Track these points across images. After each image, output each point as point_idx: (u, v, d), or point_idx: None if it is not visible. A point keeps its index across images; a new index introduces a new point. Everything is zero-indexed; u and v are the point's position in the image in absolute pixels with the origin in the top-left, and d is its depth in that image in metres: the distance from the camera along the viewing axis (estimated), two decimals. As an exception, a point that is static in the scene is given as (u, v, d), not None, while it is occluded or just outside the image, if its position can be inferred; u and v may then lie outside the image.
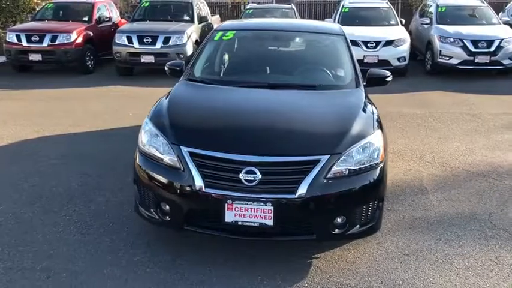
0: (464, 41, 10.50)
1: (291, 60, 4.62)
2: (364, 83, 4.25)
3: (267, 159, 3.10)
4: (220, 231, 3.20)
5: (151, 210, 3.40)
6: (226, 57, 4.69)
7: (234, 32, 4.77)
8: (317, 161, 3.10)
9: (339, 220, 3.18)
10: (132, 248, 3.57)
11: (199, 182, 3.10)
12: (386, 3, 12.47)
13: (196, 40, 11.16)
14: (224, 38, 4.69)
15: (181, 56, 10.52)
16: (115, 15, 13.31)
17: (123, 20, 13.42)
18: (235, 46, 4.79)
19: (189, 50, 10.65)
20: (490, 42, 10.38)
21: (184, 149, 3.21)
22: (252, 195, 3.05)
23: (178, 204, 3.22)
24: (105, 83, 10.40)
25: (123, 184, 4.74)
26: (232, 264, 3.36)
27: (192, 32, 11.01)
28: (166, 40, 10.55)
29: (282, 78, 4.27)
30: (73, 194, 4.51)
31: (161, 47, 10.52)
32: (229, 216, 3.08)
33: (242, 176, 3.06)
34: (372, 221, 3.30)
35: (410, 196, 4.59)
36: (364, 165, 3.22)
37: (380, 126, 3.56)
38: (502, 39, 10.41)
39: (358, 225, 3.25)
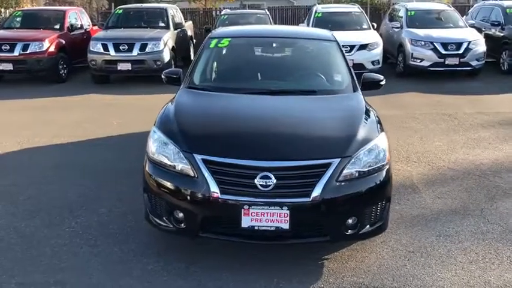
0: (435, 44, 10.87)
1: (289, 66, 4.71)
2: (360, 87, 4.38)
3: (281, 164, 3.18)
4: (237, 236, 3.25)
5: (164, 218, 3.41)
6: (224, 64, 4.75)
7: (229, 39, 4.83)
8: (329, 165, 3.20)
9: (350, 221, 3.28)
10: (144, 257, 3.57)
11: (215, 189, 3.14)
12: (358, 8, 12.78)
13: (173, 47, 11.13)
14: (220, 45, 4.74)
15: (159, 62, 10.51)
16: (87, 23, 13.12)
17: (95, 28, 13.23)
18: (233, 53, 4.85)
19: (166, 56, 10.63)
20: (458, 45, 10.79)
21: (198, 157, 3.25)
22: (268, 200, 3.12)
23: (193, 211, 3.26)
24: (81, 91, 10.26)
25: (122, 194, 4.72)
26: (247, 268, 3.41)
27: (169, 38, 10.99)
28: (143, 47, 10.48)
29: (282, 84, 4.36)
30: (73, 206, 4.46)
31: (138, 54, 10.44)
32: (246, 222, 3.14)
33: (257, 181, 3.12)
34: (380, 221, 3.43)
35: (404, 195, 4.76)
36: (372, 167, 3.34)
37: (382, 129, 3.70)
38: (470, 42, 10.84)
39: (368, 225, 3.36)
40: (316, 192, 3.12)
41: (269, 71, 4.56)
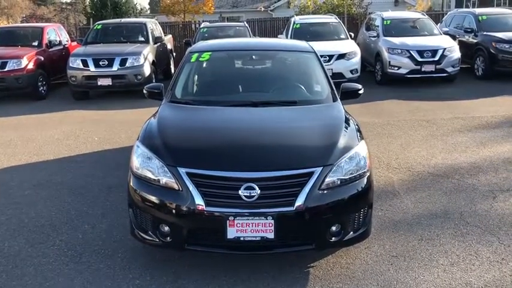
0: (411, 52, 11.11)
1: (269, 78, 4.78)
2: (339, 97, 4.48)
3: (264, 175, 3.22)
4: (223, 248, 3.29)
5: (149, 232, 3.43)
6: (206, 78, 4.80)
7: (210, 53, 4.89)
8: (311, 173, 3.26)
9: (334, 228, 3.34)
10: (130, 272, 3.57)
11: (199, 202, 3.17)
12: (335, 18, 12.99)
13: (153, 61, 11.15)
14: (201, 59, 4.80)
15: (139, 77, 10.51)
16: (65, 39, 13.07)
17: (73, 44, 13.19)
18: (214, 67, 4.91)
19: (147, 70, 10.64)
20: (434, 52, 11.05)
21: (182, 170, 3.28)
22: (253, 211, 3.16)
23: (178, 224, 3.28)
24: (61, 108, 10.19)
25: (105, 210, 4.71)
26: (234, 279, 3.44)
27: (149, 52, 11.01)
28: (123, 62, 10.48)
29: (263, 96, 4.43)
30: (56, 224, 4.43)
31: (118, 69, 10.43)
32: (231, 233, 3.17)
33: (242, 192, 3.17)
34: (363, 227, 3.49)
35: (386, 201, 4.85)
36: (353, 175, 3.41)
37: (362, 137, 3.78)
38: (445, 49, 11.10)
39: (351, 232, 3.43)
40: (300, 201, 3.18)
41: (250, 83, 4.64)
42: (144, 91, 4.64)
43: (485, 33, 11.90)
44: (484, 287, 3.30)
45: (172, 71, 13.80)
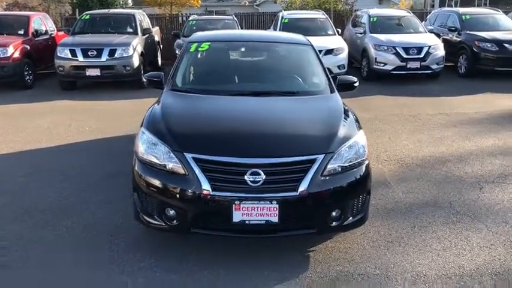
0: (397, 48, 11.32)
1: (269, 69, 4.88)
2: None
3: (270, 161, 3.33)
4: (229, 231, 3.39)
5: (155, 216, 3.51)
6: (206, 67, 4.88)
7: (209, 43, 4.97)
8: (314, 160, 3.38)
9: (334, 213, 3.47)
10: (135, 255, 3.64)
11: (206, 186, 3.27)
12: (323, 14, 13.14)
13: (142, 52, 11.13)
14: (200, 49, 4.87)
15: (128, 68, 10.49)
16: (51, 28, 12.92)
17: (59, 33, 13.05)
18: (213, 57, 4.99)
19: (136, 62, 10.62)
20: (419, 49, 11.28)
21: (189, 155, 3.36)
22: (258, 195, 3.27)
23: (185, 208, 3.37)
24: (48, 97, 10.11)
25: (105, 196, 4.76)
26: (237, 262, 3.54)
27: (137, 43, 10.98)
28: (111, 52, 10.42)
29: (263, 86, 4.53)
30: (55, 210, 4.47)
31: (107, 59, 10.37)
32: (237, 216, 3.28)
33: (247, 177, 3.27)
34: (361, 213, 3.63)
35: (378, 190, 5.00)
36: (353, 162, 3.55)
37: (360, 127, 3.92)
38: (430, 46, 11.35)
39: (350, 217, 3.56)
40: (303, 186, 3.30)
41: (250, 74, 4.74)
42: (144, 79, 4.69)
43: (468, 32, 12.19)
44: (476, 269, 3.48)
45: (160, 62, 13.80)
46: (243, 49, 5.04)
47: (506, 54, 11.45)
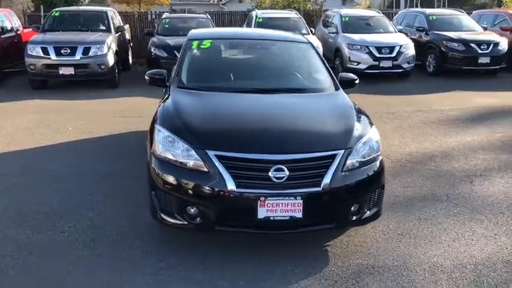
0: (370, 48, 11.59)
1: (273, 66, 4.91)
2: (337, 86, 4.69)
3: (293, 157, 3.37)
4: (253, 227, 3.40)
5: (175, 215, 3.47)
6: (211, 65, 4.85)
7: (211, 40, 4.95)
8: (335, 156, 3.45)
9: (353, 208, 3.54)
10: (152, 255, 3.59)
11: (230, 183, 3.26)
12: (296, 13, 13.27)
13: (116, 50, 10.90)
14: (202, 46, 4.84)
15: (103, 66, 10.25)
16: (17, 25, 12.44)
17: (25, 31, 12.58)
18: (217, 54, 4.97)
19: (111, 60, 10.38)
20: (391, 48, 11.60)
21: (211, 153, 3.35)
22: (283, 191, 3.29)
23: (208, 206, 3.36)
24: (19, 97, 9.74)
25: (106, 197, 4.66)
26: (259, 258, 3.55)
27: (112, 42, 10.74)
28: (86, 51, 10.14)
29: (271, 83, 4.56)
30: (58, 211, 4.33)
31: (81, 58, 10.08)
32: (262, 213, 3.29)
33: (271, 174, 3.29)
34: (376, 206, 3.73)
35: (377, 186, 5.12)
36: (368, 158, 3.64)
37: (372, 123, 4.02)
38: (401, 45, 11.69)
39: (367, 211, 3.65)
40: (326, 181, 3.35)
41: (255, 71, 4.75)
42: (146, 77, 4.63)
43: (435, 32, 12.63)
44: (487, 258, 3.63)
45: (131, 61, 13.55)
46: (245, 47, 5.05)
47: (472, 53, 11.95)
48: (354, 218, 3.56)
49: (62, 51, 10.07)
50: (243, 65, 4.84)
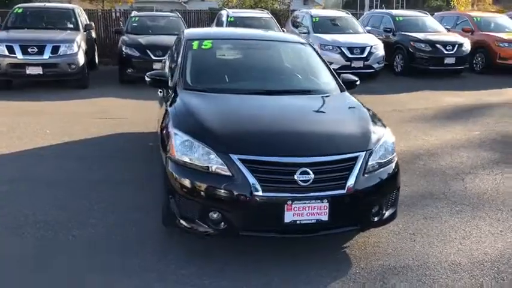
0: (342, 48, 11.75)
1: (278, 67, 4.86)
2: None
3: (318, 160, 3.34)
4: (279, 232, 3.34)
5: (197, 221, 3.36)
6: (216, 66, 4.74)
7: (211, 41, 4.83)
8: (357, 158, 3.44)
9: (375, 209, 3.56)
10: (170, 263, 3.47)
11: (257, 188, 3.20)
12: (267, 13, 13.27)
13: (86, 49, 10.51)
14: (203, 47, 4.72)
15: (73, 66, 9.88)
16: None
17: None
18: (221, 55, 4.87)
19: (81, 59, 10.01)
20: (362, 49, 11.81)
21: (235, 157, 3.27)
22: (309, 194, 3.26)
23: (233, 211, 3.28)
24: (-20, 98, 9.22)
25: (105, 204, 4.47)
26: (284, 264, 3.49)
27: (81, 40, 10.36)
28: (55, 49, 9.72)
29: (278, 84, 4.51)
30: (59, 219, 4.11)
31: (50, 57, 9.67)
32: (289, 217, 3.25)
33: (297, 177, 3.25)
34: (393, 207, 3.76)
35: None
36: (385, 159, 3.65)
37: (384, 124, 4.05)
38: (371, 46, 11.92)
39: (386, 212, 3.67)
40: (350, 183, 3.34)
41: (261, 72, 4.68)
42: (148, 78, 4.47)
43: (402, 33, 12.97)
44: (501, 255, 3.73)
45: (97, 61, 13.13)
46: (247, 48, 4.97)
47: (438, 54, 12.36)
48: (376, 219, 3.57)
49: (29, 49, 9.62)
50: (249, 66, 4.75)
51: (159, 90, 5.01)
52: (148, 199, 4.46)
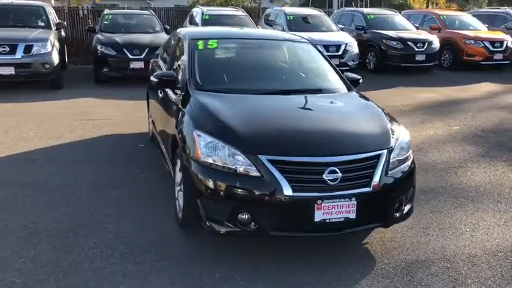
0: (318, 46, 11.83)
1: (287, 67, 4.87)
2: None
3: (345, 158, 3.39)
4: (309, 231, 3.37)
5: (225, 222, 3.34)
6: (227, 65, 4.70)
7: (216, 40, 4.78)
8: (380, 156, 3.52)
9: (397, 205, 3.64)
10: (203, 266, 3.42)
11: (287, 188, 3.22)
12: (242, 11, 13.24)
13: (60, 49, 10.17)
14: (209, 46, 4.67)
15: (48, 66, 9.54)
16: None
17: None
18: (228, 55, 4.82)
19: (55, 59, 9.69)
20: (338, 47, 11.98)
21: (263, 157, 3.27)
22: (338, 193, 3.30)
23: (264, 211, 3.29)
24: None
25: (114, 209, 4.36)
26: (313, 262, 3.52)
27: (55, 39, 10.02)
28: (27, 49, 9.36)
29: (290, 84, 4.52)
30: (71, 226, 3.98)
31: (22, 56, 9.30)
32: (319, 216, 3.28)
33: (326, 176, 3.29)
34: (411, 202, 3.85)
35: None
36: (403, 157, 3.75)
37: (398, 122, 4.14)
38: (346, 44, 12.11)
39: (405, 208, 3.76)
40: (375, 181, 3.41)
41: (270, 72, 4.68)
42: (155, 79, 4.38)
43: (374, 30, 13.24)
44: (511, 246, 3.90)
45: (67, 60, 12.73)
46: (252, 47, 4.95)
47: (409, 51, 12.71)
48: (398, 215, 3.66)
49: (0, 49, 9.22)
50: (257, 66, 4.72)
51: (159, 91, 4.92)
52: (158, 200, 4.39)
